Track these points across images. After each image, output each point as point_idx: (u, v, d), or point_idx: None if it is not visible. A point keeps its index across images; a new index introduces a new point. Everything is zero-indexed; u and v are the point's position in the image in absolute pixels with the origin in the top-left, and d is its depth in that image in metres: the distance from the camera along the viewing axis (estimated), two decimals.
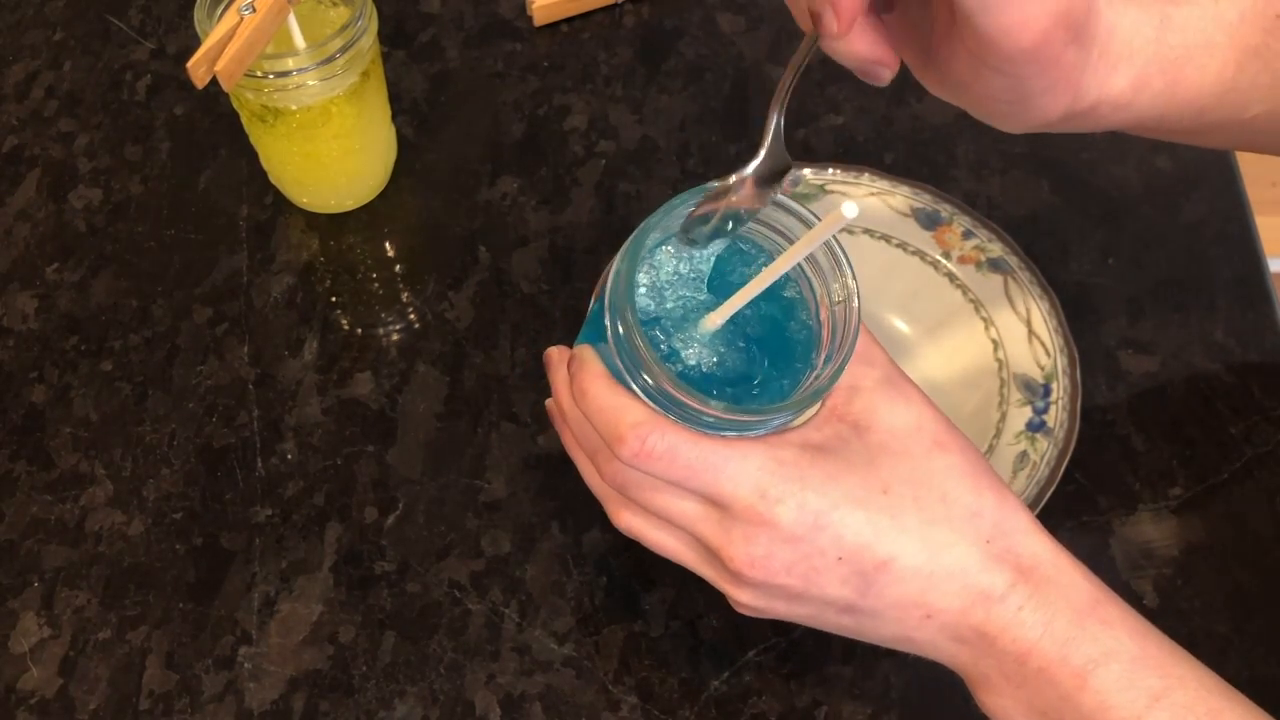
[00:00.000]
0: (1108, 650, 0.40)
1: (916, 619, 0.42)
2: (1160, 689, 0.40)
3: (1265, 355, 0.64)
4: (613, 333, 0.42)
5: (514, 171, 0.71)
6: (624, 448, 0.41)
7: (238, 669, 0.56)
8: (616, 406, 0.42)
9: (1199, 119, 0.45)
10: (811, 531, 0.41)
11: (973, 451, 0.44)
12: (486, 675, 0.56)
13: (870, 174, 0.64)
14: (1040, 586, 0.41)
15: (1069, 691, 0.40)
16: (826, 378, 0.42)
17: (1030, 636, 0.41)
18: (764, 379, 0.43)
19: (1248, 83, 0.44)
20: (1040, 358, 0.60)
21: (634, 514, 0.45)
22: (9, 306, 0.67)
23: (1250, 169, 0.71)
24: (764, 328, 0.44)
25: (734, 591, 0.44)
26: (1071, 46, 0.40)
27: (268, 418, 0.63)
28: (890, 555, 0.41)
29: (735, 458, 0.41)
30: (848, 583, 0.42)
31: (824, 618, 0.44)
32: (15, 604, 0.58)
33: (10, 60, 0.77)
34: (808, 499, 0.41)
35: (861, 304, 0.42)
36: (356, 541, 0.59)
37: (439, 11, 0.78)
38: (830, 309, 0.43)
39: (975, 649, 0.42)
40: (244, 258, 0.69)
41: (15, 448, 0.63)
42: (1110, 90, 0.42)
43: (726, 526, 0.42)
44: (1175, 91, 0.43)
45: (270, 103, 0.62)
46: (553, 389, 0.47)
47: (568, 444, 0.48)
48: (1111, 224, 0.68)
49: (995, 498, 0.43)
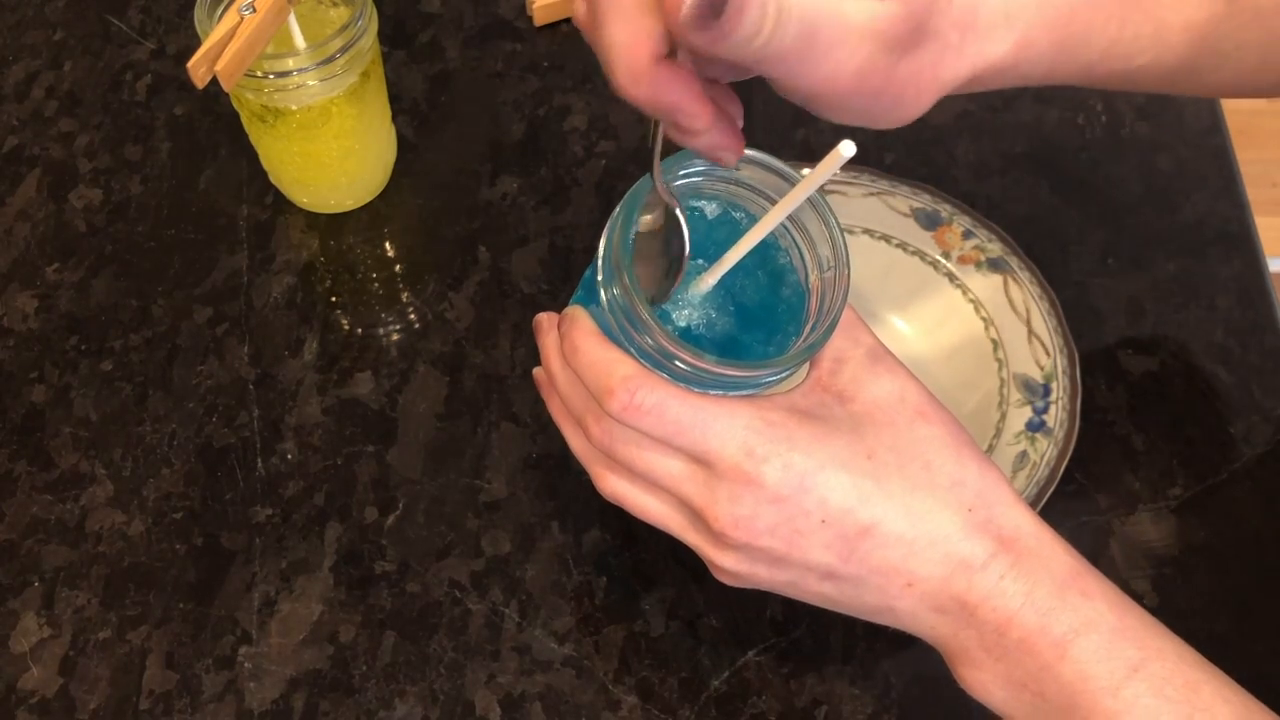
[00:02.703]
0: (1088, 621, 0.41)
1: (898, 587, 0.42)
2: (1139, 660, 0.40)
3: (1265, 355, 0.64)
4: (606, 291, 0.42)
5: (514, 171, 0.71)
6: (613, 400, 0.41)
7: (238, 669, 0.56)
8: (607, 360, 0.42)
9: (1088, 72, 0.45)
10: (797, 492, 0.41)
11: (955, 424, 0.44)
12: (486, 675, 0.56)
13: (870, 174, 0.64)
14: (1021, 557, 0.42)
15: (1049, 662, 0.40)
16: (818, 335, 0.42)
17: (1011, 606, 0.41)
18: (753, 343, 0.44)
19: (1131, 34, 0.44)
20: (1040, 358, 0.60)
21: (619, 478, 0.45)
22: (9, 306, 0.67)
23: (1250, 169, 0.71)
24: (754, 293, 0.44)
25: (717, 556, 0.44)
26: (906, 57, 0.39)
27: (268, 418, 0.63)
28: (874, 520, 0.41)
29: (723, 415, 0.41)
30: (830, 547, 0.42)
31: (805, 584, 0.44)
32: (15, 604, 0.58)
33: (10, 60, 0.77)
34: (794, 459, 0.41)
35: (851, 270, 0.42)
36: (356, 541, 0.60)
37: (439, 11, 0.78)
38: (820, 276, 0.44)
39: (956, 619, 0.42)
40: (244, 258, 0.69)
41: (15, 448, 0.63)
42: (989, 59, 0.42)
43: (712, 486, 0.42)
44: (1061, 49, 0.43)
45: (270, 103, 0.62)
46: (542, 354, 0.47)
47: (555, 411, 0.48)
48: (1111, 224, 0.68)
49: (977, 468, 0.43)
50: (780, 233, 0.45)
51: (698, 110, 0.38)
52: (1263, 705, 0.41)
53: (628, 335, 0.42)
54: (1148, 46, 0.45)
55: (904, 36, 0.38)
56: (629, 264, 0.41)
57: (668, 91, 0.37)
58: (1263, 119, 1.75)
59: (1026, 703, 0.42)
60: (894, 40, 0.38)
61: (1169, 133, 0.72)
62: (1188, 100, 0.73)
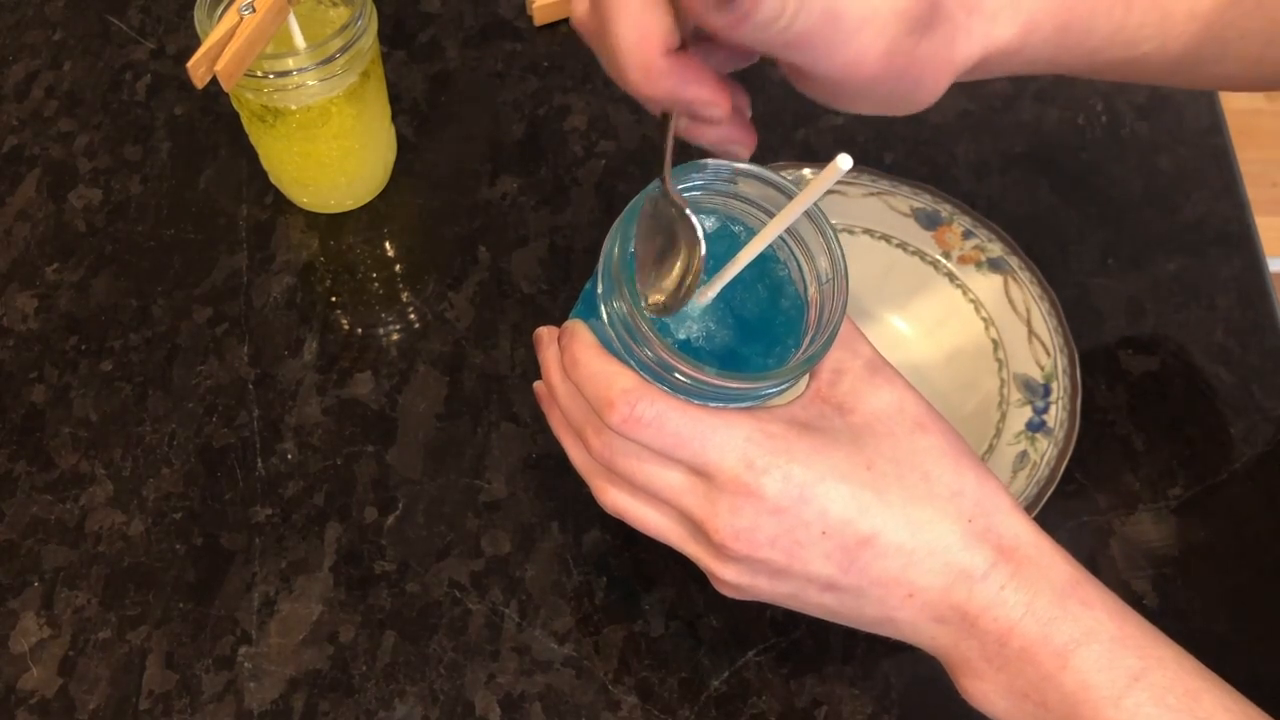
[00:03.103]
0: (1088, 630, 0.41)
1: (899, 598, 0.42)
2: (1140, 669, 0.40)
3: (1265, 355, 0.64)
4: (606, 305, 0.42)
5: (514, 171, 0.71)
6: (613, 413, 0.41)
7: (238, 669, 0.56)
8: (607, 373, 0.42)
9: (1091, 59, 0.45)
10: (796, 504, 0.41)
11: (953, 434, 0.44)
12: (486, 675, 0.56)
13: (870, 174, 0.64)
14: (1021, 566, 0.42)
15: (1050, 671, 0.40)
16: (817, 347, 0.42)
17: (1012, 616, 0.41)
18: (752, 356, 0.44)
19: (1137, 20, 0.44)
20: (1040, 358, 0.60)
21: (620, 491, 0.45)
22: (9, 306, 0.67)
23: (1250, 169, 0.71)
24: (754, 306, 0.44)
25: (718, 568, 0.44)
26: (925, 37, 0.39)
27: (268, 418, 0.63)
28: (874, 530, 0.41)
29: (722, 427, 0.41)
30: (830, 558, 0.42)
31: (806, 596, 0.44)
32: (15, 604, 0.58)
33: (10, 60, 0.77)
34: (793, 471, 0.41)
35: (849, 281, 0.42)
36: (356, 541, 0.59)
37: (439, 11, 0.78)
38: (819, 288, 0.44)
39: (957, 630, 0.42)
40: (244, 258, 0.69)
41: (15, 448, 0.63)
42: (997, 41, 0.41)
43: (712, 498, 0.42)
44: (1066, 33, 0.43)
45: (270, 103, 0.62)
46: (542, 367, 0.47)
47: (555, 424, 0.48)
48: (1111, 224, 0.68)
49: (976, 478, 0.43)
50: (779, 245, 0.45)
51: (718, 99, 0.37)
52: (1263, 713, 0.41)
53: (628, 348, 0.42)
54: (1152, 34, 0.45)
55: (924, 15, 0.38)
56: (629, 277, 0.41)
57: (686, 83, 0.37)
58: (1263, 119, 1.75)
59: (1029, 713, 0.41)
60: (916, 20, 0.38)
61: (1169, 133, 0.72)
62: (1188, 100, 0.73)
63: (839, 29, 0.36)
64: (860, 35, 0.36)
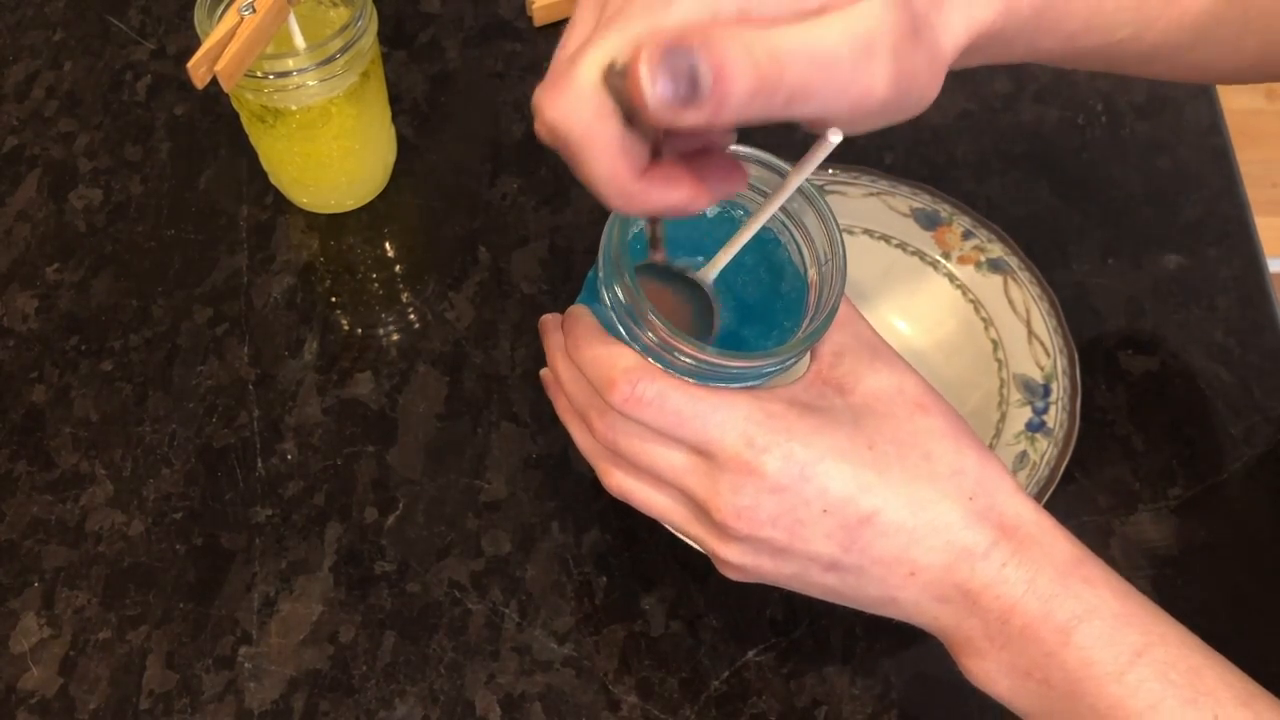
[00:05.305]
0: (1090, 607, 0.41)
1: (900, 577, 0.42)
2: (1142, 645, 0.40)
3: (1265, 355, 0.64)
4: (607, 289, 0.42)
5: (514, 171, 0.71)
6: (615, 392, 0.42)
7: (238, 669, 0.56)
8: (609, 353, 0.43)
9: (1071, 44, 0.45)
10: (797, 482, 0.41)
11: (954, 415, 0.44)
12: (486, 675, 0.56)
13: (870, 174, 0.64)
14: (1023, 544, 0.42)
15: (1052, 649, 0.41)
16: (817, 324, 0.43)
17: (1014, 594, 0.41)
18: (753, 338, 0.44)
19: (1112, 5, 0.44)
20: (1040, 358, 0.60)
21: (624, 473, 0.45)
22: (9, 306, 0.67)
23: (1250, 169, 0.71)
24: (754, 288, 0.45)
25: (721, 549, 0.44)
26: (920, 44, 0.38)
27: (268, 418, 0.63)
28: (875, 509, 0.42)
29: (723, 406, 0.42)
30: (832, 537, 0.42)
31: (809, 577, 0.44)
32: (15, 604, 0.58)
33: (10, 60, 0.77)
34: (794, 450, 0.41)
35: (846, 260, 0.43)
36: (356, 541, 0.60)
37: (439, 11, 0.78)
38: (819, 269, 0.44)
39: (958, 609, 0.42)
40: (244, 258, 0.69)
41: (15, 448, 0.63)
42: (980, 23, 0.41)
43: (714, 477, 0.42)
44: (1044, 14, 0.42)
45: (270, 103, 0.62)
46: (547, 353, 0.48)
47: (561, 409, 0.48)
48: (1111, 224, 0.68)
49: (977, 458, 0.43)
50: (778, 228, 0.45)
51: (696, 197, 0.38)
52: (1265, 690, 0.41)
53: (630, 331, 0.42)
54: (1129, 20, 0.45)
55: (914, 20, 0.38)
56: (629, 262, 0.41)
57: (665, 194, 0.37)
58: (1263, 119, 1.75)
59: (1031, 690, 0.42)
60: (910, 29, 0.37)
61: (1169, 133, 0.72)
62: (1188, 100, 0.73)
63: (834, 75, 0.35)
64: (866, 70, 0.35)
